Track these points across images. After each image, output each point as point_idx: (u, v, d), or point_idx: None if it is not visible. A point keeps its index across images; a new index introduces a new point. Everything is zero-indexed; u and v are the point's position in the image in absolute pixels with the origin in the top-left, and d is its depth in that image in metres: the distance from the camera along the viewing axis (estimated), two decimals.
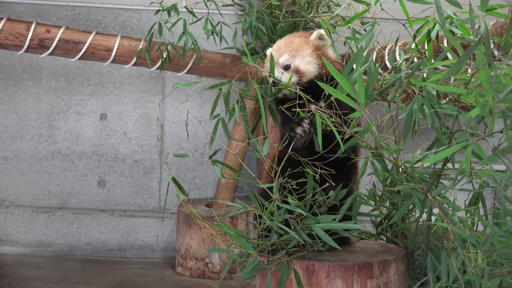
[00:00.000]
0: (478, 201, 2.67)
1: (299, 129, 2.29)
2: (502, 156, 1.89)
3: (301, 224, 2.25)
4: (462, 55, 1.80)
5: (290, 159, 2.35)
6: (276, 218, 2.22)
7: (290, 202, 2.23)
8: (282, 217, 2.22)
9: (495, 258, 2.15)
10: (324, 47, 2.51)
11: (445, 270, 2.33)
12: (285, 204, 2.23)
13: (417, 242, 2.57)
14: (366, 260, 2.31)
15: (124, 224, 4.22)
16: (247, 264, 2.28)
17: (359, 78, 2.08)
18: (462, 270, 2.28)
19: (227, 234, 2.26)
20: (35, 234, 4.18)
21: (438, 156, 1.92)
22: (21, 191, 4.19)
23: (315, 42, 2.50)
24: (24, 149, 4.17)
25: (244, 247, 2.24)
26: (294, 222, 2.26)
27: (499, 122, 2.12)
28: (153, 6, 3.99)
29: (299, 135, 2.29)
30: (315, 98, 2.33)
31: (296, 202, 2.22)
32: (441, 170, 2.36)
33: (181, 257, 3.79)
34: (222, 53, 3.84)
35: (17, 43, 3.60)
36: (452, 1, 2.06)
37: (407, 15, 2.24)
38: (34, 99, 4.15)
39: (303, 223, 2.25)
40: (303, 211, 2.22)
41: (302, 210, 2.22)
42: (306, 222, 2.25)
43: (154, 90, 4.19)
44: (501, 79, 1.85)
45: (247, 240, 2.27)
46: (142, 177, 4.21)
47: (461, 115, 2.01)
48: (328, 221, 2.27)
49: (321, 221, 2.27)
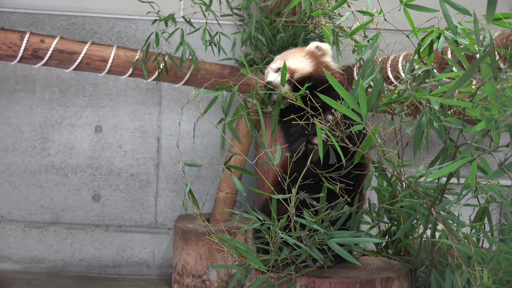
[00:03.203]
0: (483, 216, 2.64)
1: (316, 140, 2.20)
2: (508, 170, 1.86)
3: (315, 239, 2.21)
4: (469, 68, 1.76)
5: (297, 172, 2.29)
6: (293, 234, 2.19)
7: (306, 217, 2.19)
8: (299, 233, 2.19)
9: (501, 276, 2.11)
10: (322, 56, 2.50)
11: (450, 287, 2.29)
12: (300, 219, 2.19)
13: (421, 258, 2.54)
14: (368, 277, 2.29)
15: (119, 240, 4.16)
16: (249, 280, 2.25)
17: (361, 90, 2.04)
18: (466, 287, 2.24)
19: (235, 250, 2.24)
20: (28, 250, 4.13)
21: (443, 170, 1.89)
22: (13, 206, 4.13)
23: (310, 50, 2.50)
24: (17, 162, 4.12)
25: (254, 262, 2.21)
26: (306, 238, 2.22)
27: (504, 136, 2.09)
28: (150, 16, 3.96)
29: (317, 146, 2.20)
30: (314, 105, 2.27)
31: (313, 218, 2.18)
32: (445, 185, 2.32)
33: (178, 274, 3.73)
34: (220, 64, 3.80)
35: (11, 53, 3.57)
36: (460, 8, 2.02)
37: (412, 24, 2.20)
38: (27, 110, 4.10)
39: (317, 238, 2.21)
40: (319, 227, 2.18)
41: (318, 226, 2.19)
42: (320, 237, 2.21)
43: (150, 102, 4.14)
44: (507, 92, 1.82)
45: (256, 256, 2.25)
46: (138, 191, 4.16)
47: (466, 129, 1.97)
48: (343, 236, 2.23)
49: (334, 236, 2.23)
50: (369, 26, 2.30)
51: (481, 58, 1.72)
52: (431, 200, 2.39)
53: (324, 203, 2.25)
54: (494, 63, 1.81)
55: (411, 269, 2.55)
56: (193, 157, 4.17)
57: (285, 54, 2.55)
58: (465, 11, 2.04)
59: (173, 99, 4.14)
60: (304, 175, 2.25)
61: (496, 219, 3.36)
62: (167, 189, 4.16)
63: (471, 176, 1.90)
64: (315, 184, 2.31)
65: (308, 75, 2.41)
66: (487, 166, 1.91)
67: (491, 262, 2.12)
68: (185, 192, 2.23)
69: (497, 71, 1.82)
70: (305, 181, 2.27)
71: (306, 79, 2.38)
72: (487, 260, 2.13)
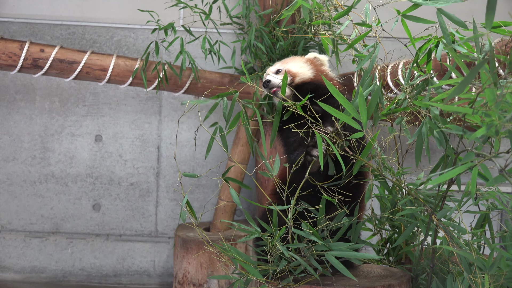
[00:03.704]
0: (484, 223, 2.63)
1: (315, 152, 2.18)
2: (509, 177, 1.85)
3: (313, 251, 2.19)
4: (468, 74, 1.76)
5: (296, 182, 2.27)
6: (291, 246, 2.17)
7: (304, 229, 2.16)
8: (297, 245, 2.17)
9: (502, 282, 2.11)
10: (320, 65, 2.51)
11: None
12: (299, 231, 2.16)
13: (422, 266, 2.53)
14: (370, 284, 2.29)
15: (120, 249, 4.14)
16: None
17: (361, 98, 2.04)
18: None
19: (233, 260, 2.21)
20: (28, 260, 4.11)
21: (444, 176, 1.89)
22: (13, 215, 4.12)
23: (309, 58, 2.52)
24: (17, 171, 4.11)
25: (253, 273, 2.19)
26: (305, 249, 2.20)
27: (505, 142, 2.09)
28: (149, 25, 3.96)
29: (316, 157, 2.18)
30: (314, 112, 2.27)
31: (310, 230, 2.15)
32: (446, 192, 2.32)
33: (179, 283, 3.71)
34: (220, 73, 3.80)
35: (10, 62, 3.57)
36: (456, 21, 2.02)
37: (410, 34, 2.20)
38: (27, 120, 4.10)
39: (315, 249, 2.19)
40: (317, 239, 2.16)
41: (316, 238, 2.16)
42: (318, 248, 2.19)
43: (150, 110, 4.14)
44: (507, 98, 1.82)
45: (255, 266, 2.23)
46: (138, 200, 4.15)
47: (466, 135, 1.97)
48: (341, 249, 2.21)
49: (333, 248, 2.20)
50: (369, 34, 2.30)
51: (481, 63, 1.72)
52: (431, 207, 2.38)
53: (323, 214, 2.22)
54: (493, 68, 1.81)
55: (412, 277, 2.54)
56: (193, 166, 4.16)
57: (284, 60, 2.56)
58: (461, 23, 2.02)
59: (173, 108, 4.14)
60: (303, 186, 2.22)
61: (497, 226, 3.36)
62: (167, 198, 4.15)
63: (471, 183, 1.89)
64: (314, 194, 2.28)
65: (309, 80, 2.41)
66: (488, 172, 1.91)
67: (493, 268, 2.12)
68: (182, 204, 2.22)
69: (496, 77, 1.82)
70: (304, 191, 2.24)
71: (306, 85, 2.38)
72: (488, 267, 2.13)
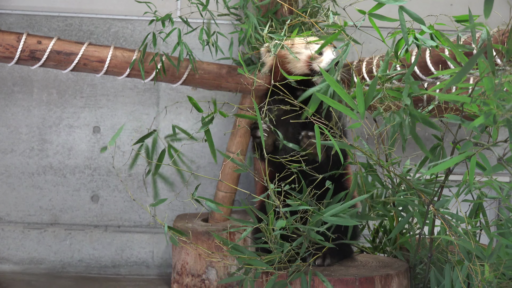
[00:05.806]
0: (478, 212, 2.65)
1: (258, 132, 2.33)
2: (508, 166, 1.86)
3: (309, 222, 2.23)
4: (466, 64, 1.76)
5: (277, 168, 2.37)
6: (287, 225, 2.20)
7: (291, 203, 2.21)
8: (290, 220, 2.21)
9: (502, 271, 2.12)
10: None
11: (449, 283, 2.31)
12: (287, 208, 2.20)
13: (420, 255, 2.54)
14: (368, 274, 2.30)
15: (118, 240, 4.15)
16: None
17: (358, 88, 2.04)
18: (466, 283, 2.25)
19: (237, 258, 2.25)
20: (26, 251, 4.11)
21: (440, 166, 1.90)
22: (11, 207, 4.12)
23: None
24: (15, 163, 4.11)
25: (260, 266, 2.23)
26: (301, 225, 2.24)
27: (503, 131, 2.09)
28: (146, 16, 3.94)
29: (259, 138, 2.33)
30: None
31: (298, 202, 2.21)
32: (444, 181, 2.33)
33: (177, 273, 3.72)
34: (218, 64, 3.79)
35: (8, 54, 3.55)
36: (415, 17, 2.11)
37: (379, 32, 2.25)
38: (25, 112, 4.10)
39: (311, 221, 2.23)
40: (307, 207, 2.21)
41: (305, 206, 2.21)
42: (314, 218, 2.22)
43: (148, 102, 4.14)
44: (506, 86, 1.82)
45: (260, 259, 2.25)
46: (136, 191, 4.15)
47: (464, 124, 1.98)
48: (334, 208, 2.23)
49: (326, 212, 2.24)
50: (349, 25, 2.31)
51: (480, 51, 1.72)
52: (428, 198, 2.39)
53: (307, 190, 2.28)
54: (491, 57, 1.81)
55: (410, 266, 2.55)
56: (192, 157, 4.17)
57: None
58: (420, 20, 2.09)
59: (171, 99, 4.14)
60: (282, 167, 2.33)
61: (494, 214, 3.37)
62: (165, 189, 4.16)
63: (470, 172, 1.90)
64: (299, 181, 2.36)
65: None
66: (486, 162, 1.91)
67: (492, 256, 2.12)
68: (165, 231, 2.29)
69: (494, 65, 1.82)
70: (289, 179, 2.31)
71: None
72: (487, 255, 2.13)
